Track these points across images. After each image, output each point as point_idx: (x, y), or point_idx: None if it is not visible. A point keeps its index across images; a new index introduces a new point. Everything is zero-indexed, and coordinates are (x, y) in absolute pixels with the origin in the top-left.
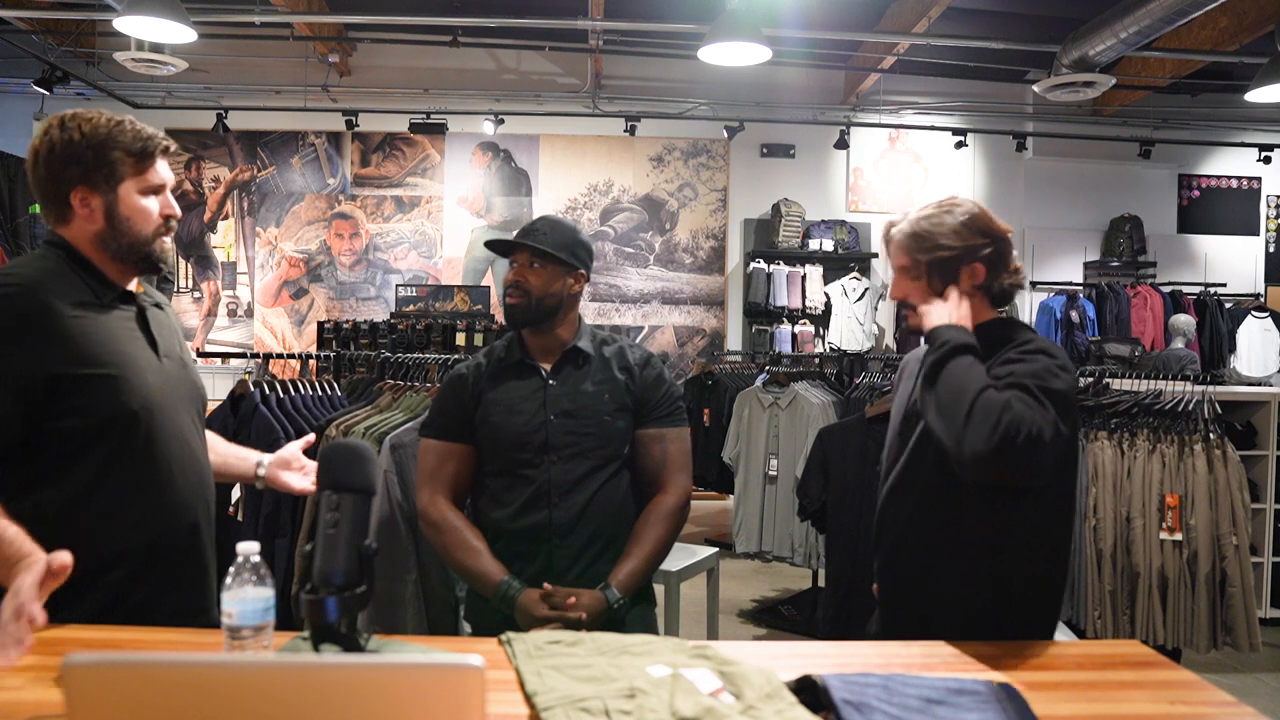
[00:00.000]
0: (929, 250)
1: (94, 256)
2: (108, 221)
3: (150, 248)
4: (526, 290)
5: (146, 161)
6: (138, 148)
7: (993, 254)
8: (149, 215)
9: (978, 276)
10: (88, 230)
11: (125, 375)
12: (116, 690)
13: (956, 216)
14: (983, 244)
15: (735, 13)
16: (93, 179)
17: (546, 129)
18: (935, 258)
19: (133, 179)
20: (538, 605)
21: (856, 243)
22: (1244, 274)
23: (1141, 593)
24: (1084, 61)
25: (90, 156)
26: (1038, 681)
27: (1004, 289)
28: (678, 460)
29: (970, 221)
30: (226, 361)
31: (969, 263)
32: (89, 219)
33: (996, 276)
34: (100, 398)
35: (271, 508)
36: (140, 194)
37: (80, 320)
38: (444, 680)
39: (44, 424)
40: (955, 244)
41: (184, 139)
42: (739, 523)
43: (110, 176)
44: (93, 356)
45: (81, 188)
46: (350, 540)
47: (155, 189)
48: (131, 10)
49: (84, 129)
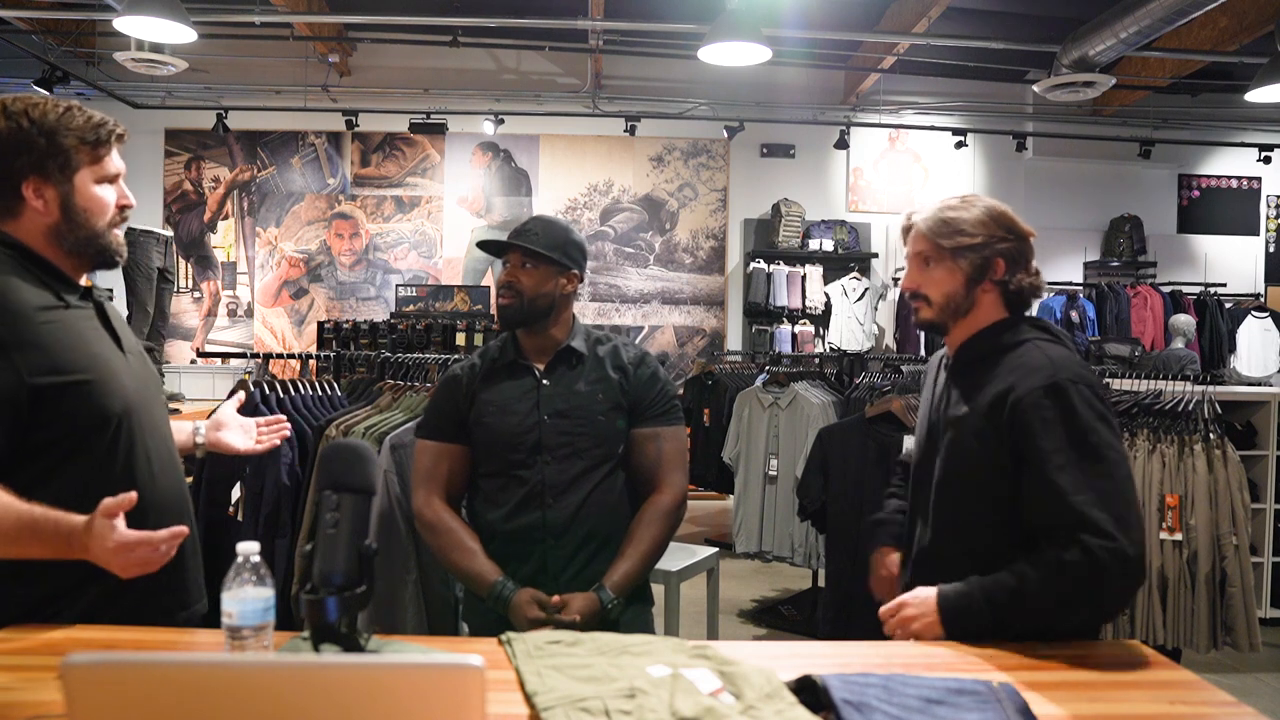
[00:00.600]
0: (951, 236)
1: (47, 253)
2: (63, 213)
3: (105, 239)
4: (519, 291)
5: (101, 149)
6: (91, 135)
7: (1013, 249)
8: (105, 206)
9: (997, 271)
10: (41, 224)
11: (103, 378)
12: (116, 690)
13: (981, 208)
14: (1004, 237)
15: (735, 13)
16: (46, 168)
17: (546, 129)
18: (957, 244)
19: (88, 168)
20: (531, 606)
21: (856, 243)
22: (1244, 274)
23: (1141, 593)
24: (1084, 61)
25: (43, 144)
26: (1038, 681)
27: (1021, 290)
28: (673, 459)
29: (994, 214)
30: (226, 361)
31: (990, 255)
32: (43, 211)
33: (1014, 274)
34: (81, 404)
35: (271, 508)
36: (96, 183)
37: (50, 326)
38: (444, 680)
39: (27, 435)
40: (979, 233)
41: (184, 139)
42: (739, 523)
43: (65, 165)
44: (70, 363)
45: (34, 178)
46: (350, 540)
47: (110, 178)
48: (131, 10)
49: (32, 115)
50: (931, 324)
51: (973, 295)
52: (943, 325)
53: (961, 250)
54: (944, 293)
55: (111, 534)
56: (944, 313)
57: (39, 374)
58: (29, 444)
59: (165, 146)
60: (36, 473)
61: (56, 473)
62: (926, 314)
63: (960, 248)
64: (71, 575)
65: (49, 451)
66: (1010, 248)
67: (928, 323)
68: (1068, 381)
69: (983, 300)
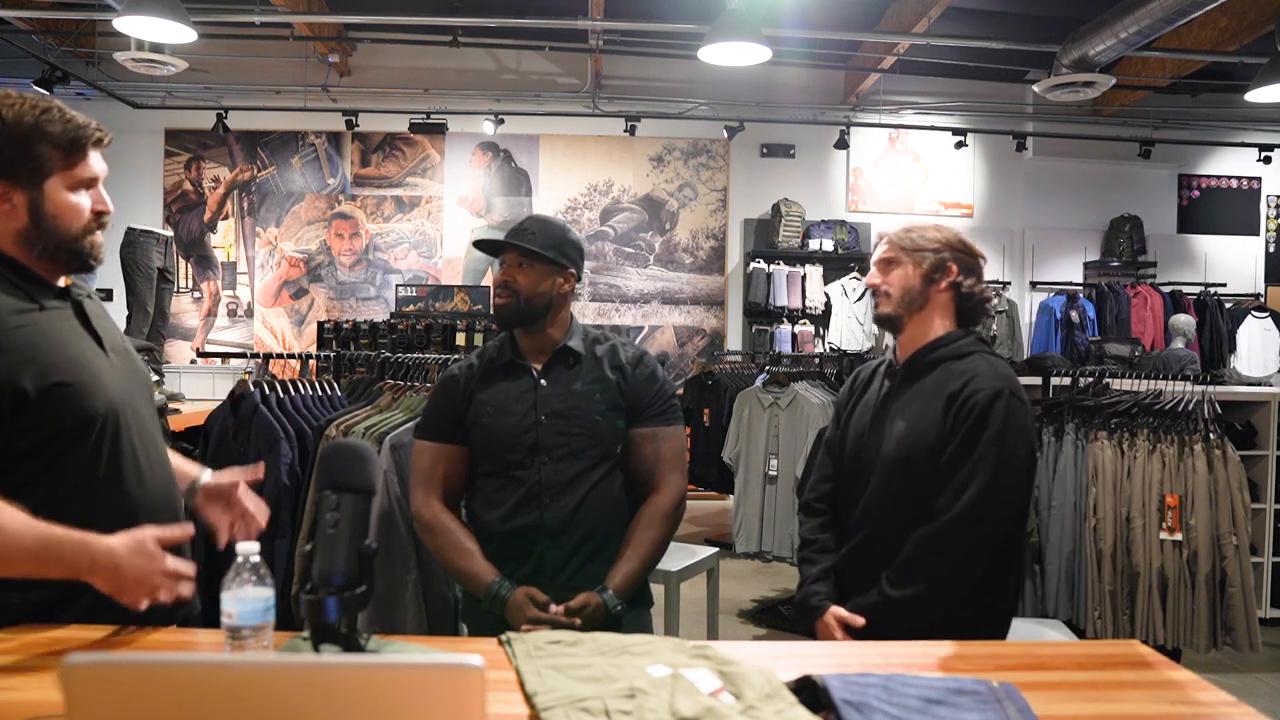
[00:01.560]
0: (914, 242)
1: (19, 255)
2: (31, 219)
3: (79, 244)
4: (515, 290)
5: (77, 155)
6: (67, 140)
7: (966, 260)
8: (79, 212)
9: (951, 273)
10: (9, 227)
11: (84, 380)
12: (116, 690)
13: (944, 230)
14: (959, 249)
15: (735, 13)
16: (15, 173)
17: (546, 129)
18: (918, 247)
19: (60, 174)
20: (528, 605)
21: (856, 243)
22: (1244, 274)
23: (1141, 593)
24: (1084, 61)
25: (13, 150)
26: (1038, 681)
27: (972, 295)
28: (671, 460)
29: (953, 234)
30: (226, 361)
31: (946, 258)
32: (10, 215)
33: (966, 278)
34: (63, 407)
35: (272, 508)
36: (69, 189)
37: (26, 330)
38: (444, 680)
39: (10, 443)
40: (938, 242)
41: (184, 139)
42: (739, 523)
43: (36, 172)
44: (49, 366)
45: (2, 182)
46: (350, 540)
47: (86, 183)
48: (131, 10)
49: (6, 118)
50: (889, 317)
51: (927, 292)
52: (899, 319)
53: (921, 251)
54: (903, 287)
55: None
56: (901, 305)
57: (17, 379)
58: (12, 450)
59: (165, 146)
60: (22, 478)
61: (43, 477)
62: (885, 307)
63: (920, 249)
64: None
65: (33, 457)
66: (964, 258)
67: (886, 316)
68: (1010, 394)
69: (936, 300)
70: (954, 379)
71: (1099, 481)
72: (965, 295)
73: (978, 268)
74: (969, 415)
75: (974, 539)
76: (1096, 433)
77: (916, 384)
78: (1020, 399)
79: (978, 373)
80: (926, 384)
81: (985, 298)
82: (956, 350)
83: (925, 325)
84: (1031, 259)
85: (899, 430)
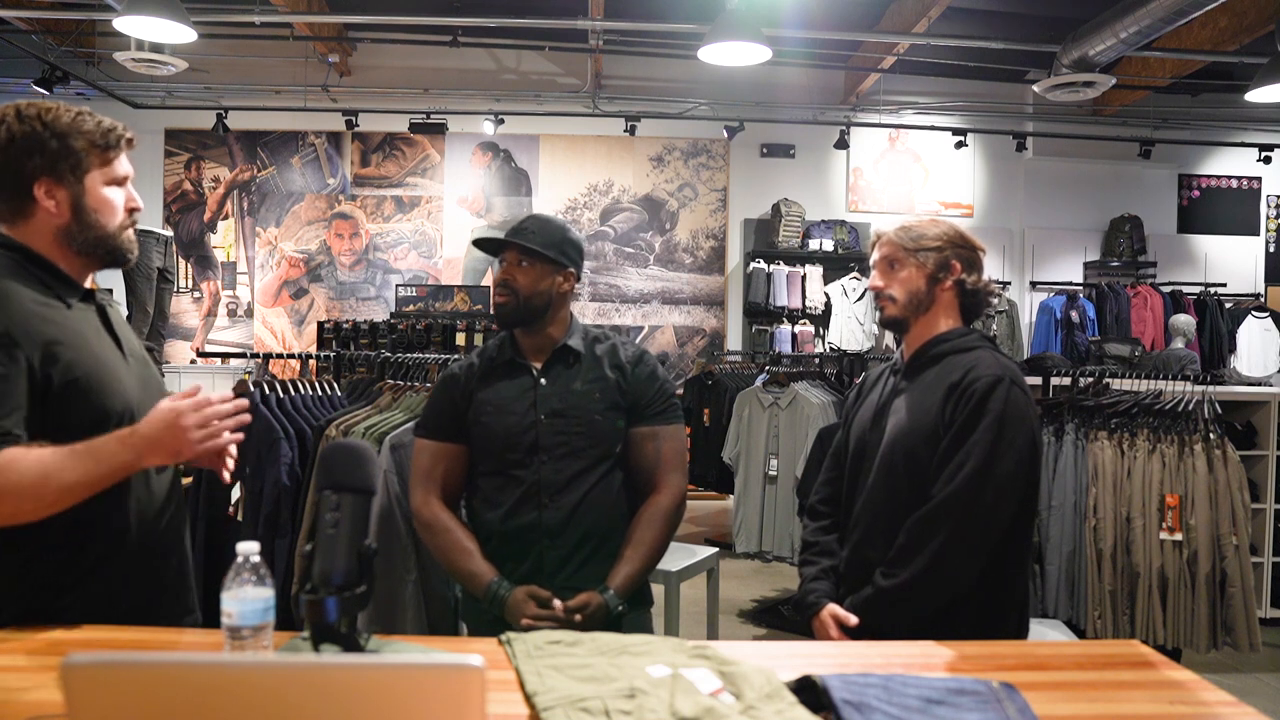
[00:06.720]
0: (915, 240)
1: (54, 254)
2: (74, 214)
3: (118, 240)
4: (514, 289)
5: (111, 152)
6: (102, 139)
7: (968, 255)
8: (115, 208)
9: (954, 270)
10: (51, 225)
11: (104, 379)
12: (116, 690)
13: (941, 224)
14: (960, 245)
15: (735, 13)
16: (58, 170)
17: (546, 129)
18: (921, 246)
19: (98, 170)
20: (528, 604)
21: (856, 243)
22: (1244, 274)
23: (1141, 593)
24: (1084, 61)
25: (55, 146)
26: (1038, 681)
27: (976, 291)
28: (671, 459)
29: (952, 228)
30: (226, 361)
31: (948, 256)
32: (54, 213)
33: (970, 274)
34: (83, 404)
35: (271, 508)
36: (106, 185)
37: (54, 326)
38: (444, 680)
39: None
40: (939, 239)
41: (184, 139)
42: (739, 523)
43: (76, 167)
44: (73, 362)
45: (46, 179)
46: (350, 540)
47: (119, 180)
48: (131, 10)
49: (45, 119)
50: (896, 320)
51: (933, 292)
52: (905, 321)
53: (924, 251)
54: (908, 290)
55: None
56: (907, 309)
57: (43, 371)
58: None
59: (165, 146)
60: None
61: None
62: (892, 310)
63: (923, 248)
64: (71, 574)
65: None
66: (965, 253)
67: (893, 319)
68: (1010, 382)
69: (941, 298)
70: (955, 370)
71: (1099, 481)
72: (969, 291)
73: (979, 261)
74: (968, 402)
75: (964, 523)
76: (1096, 433)
77: (919, 378)
78: (1022, 389)
79: (979, 362)
80: (928, 378)
81: (989, 290)
82: (960, 345)
83: (931, 324)
84: (1031, 259)
85: (898, 422)
